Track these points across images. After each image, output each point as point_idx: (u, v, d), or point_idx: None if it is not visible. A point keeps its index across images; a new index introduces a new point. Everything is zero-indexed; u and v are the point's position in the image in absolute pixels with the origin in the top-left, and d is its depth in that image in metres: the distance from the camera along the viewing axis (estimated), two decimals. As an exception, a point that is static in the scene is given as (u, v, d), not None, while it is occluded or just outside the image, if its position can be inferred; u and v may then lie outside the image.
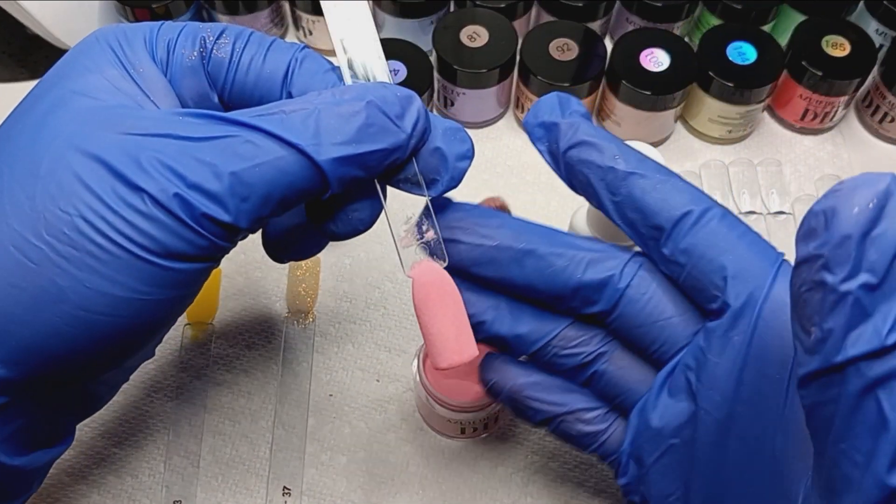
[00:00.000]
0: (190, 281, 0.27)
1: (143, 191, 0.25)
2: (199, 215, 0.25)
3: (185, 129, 0.26)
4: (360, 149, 0.27)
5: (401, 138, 0.27)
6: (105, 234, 0.25)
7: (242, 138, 0.26)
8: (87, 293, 0.25)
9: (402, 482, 0.45)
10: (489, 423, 0.45)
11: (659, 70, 0.53)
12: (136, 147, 0.25)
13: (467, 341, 0.29)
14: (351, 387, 0.48)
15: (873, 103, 0.58)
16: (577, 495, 0.45)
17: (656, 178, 0.29)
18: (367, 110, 0.27)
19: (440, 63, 0.54)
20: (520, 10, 0.59)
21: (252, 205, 0.26)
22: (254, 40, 0.30)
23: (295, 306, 0.49)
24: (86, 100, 0.27)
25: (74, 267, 0.25)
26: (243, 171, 0.26)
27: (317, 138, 0.26)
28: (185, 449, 0.45)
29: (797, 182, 0.56)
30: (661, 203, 0.29)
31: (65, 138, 0.26)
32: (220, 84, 0.30)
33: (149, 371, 0.47)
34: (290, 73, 0.29)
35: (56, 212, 0.25)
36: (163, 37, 0.29)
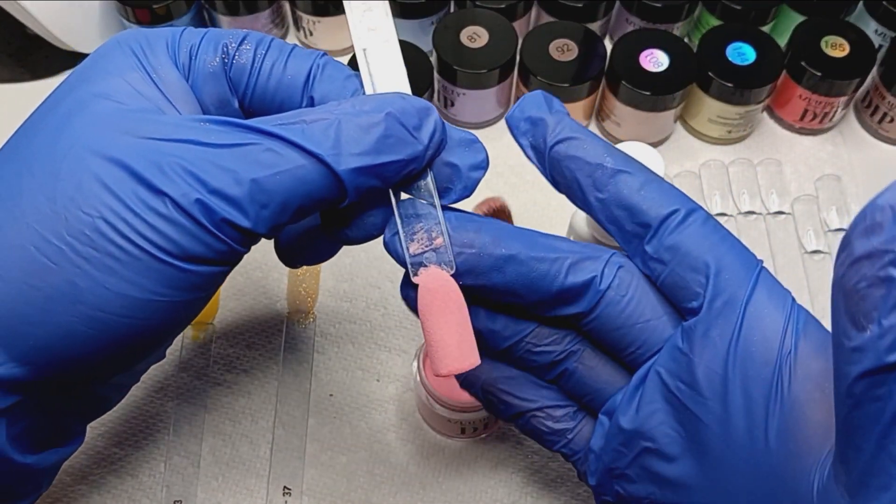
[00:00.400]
0: (206, 284, 0.28)
1: (165, 194, 0.25)
2: (219, 220, 0.26)
3: (207, 136, 0.26)
4: (378, 159, 0.27)
5: (418, 150, 0.28)
6: (126, 235, 0.25)
7: (263, 146, 0.26)
8: (105, 294, 0.26)
9: (403, 482, 0.45)
10: (489, 423, 0.45)
11: (659, 70, 0.54)
12: (157, 152, 0.26)
13: (469, 349, 0.29)
14: (351, 387, 0.48)
15: (873, 103, 0.58)
16: (577, 495, 0.45)
17: (644, 178, 0.29)
18: (386, 122, 0.27)
19: (440, 63, 0.55)
20: (520, 10, 0.59)
21: (271, 212, 0.27)
22: (275, 46, 0.30)
23: (295, 306, 0.49)
24: (107, 103, 0.27)
25: (94, 268, 0.25)
26: (264, 178, 0.26)
27: (336, 148, 0.26)
28: (186, 449, 0.45)
29: (797, 182, 0.57)
30: (649, 201, 0.29)
31: (85, 141, 0.26)
32: (242, 90, 0.30)
33: (149, 371, 0.47)
34: (312, 80, 0.30)
35: (77, 213, 0.25)
36: (185, 42, 0.30)
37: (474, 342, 0.30)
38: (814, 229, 0.53)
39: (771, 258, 0.52)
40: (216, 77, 0.30)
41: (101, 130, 0.26)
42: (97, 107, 0.27)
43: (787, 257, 0.52)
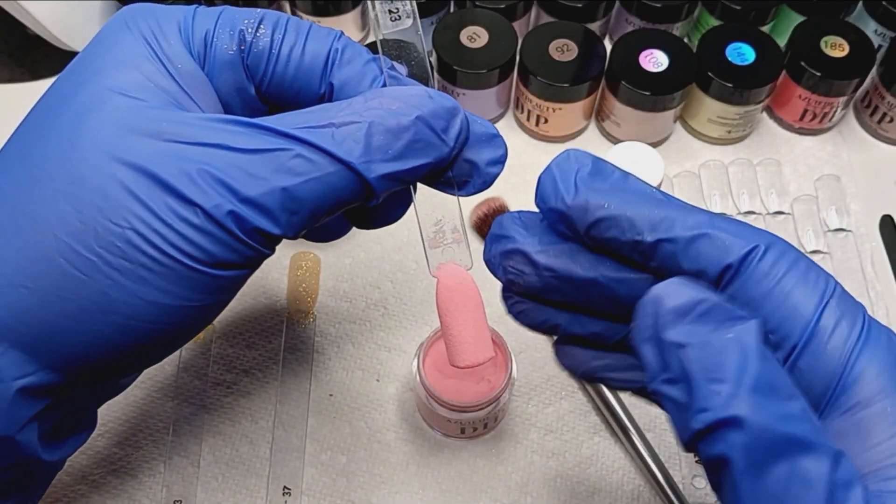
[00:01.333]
0: (234, 286, 0.28)
1: (197, 205, 0.25)
2: (250, 229, 0.26)
3: (235, 140, 0.26)
4: (406, 164, 0.27)
5: (444, 152, 0.28)
6: (157, 246, 0.25)
7: (293, 152, 0.26)
8: (138, 304, 0.26)
9: (402, 482, 0.45)
10: (489, 423, 0.45)
11: (658, 70, 0.54)
12: (184, 158, 0.25)
13: (485, 343, 0.30)
14: (351, 386, 0.48)
15: (872, 103, 0.58)
16: (576, 494, 0.45)
17: (683, 238, 0.25)
18: (416, 126, 0.27)
19: (440, 63, 0.55)
20: (519, 10, 0.59)
21: (301, 218, 0.27)
22: (291, 28, 0.29)
23: (295, 306, 0.49)
24: (124, 100, 0.26)
25: (126, 279, 0.25)
26: (294, 186, 0.26)
27: (367, 156, 0.26)
28: (186, 449, 0.45)
29: (796, 182, 0.57)
30: (696, 262, 0.26)
31: (106, 145, 0.25)
32: (259, 77, 0.29)
33: (149, 371, 0.47)
34: (331, 65, 0.29)
35: (107, 224, 0.25)
36: (199, 27, 0.29)
37: (489, 337, 0.31)
38: (813, 229, 0.53)
39: (770, 258, 0.52)
40: (233, 65, 0.29)
41: (122, 133, 0.26)
42: (114, 104, 0.26)
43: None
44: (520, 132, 0.58)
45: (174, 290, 0.26)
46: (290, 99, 0.29)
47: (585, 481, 0.45)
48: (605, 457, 0.46)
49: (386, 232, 0.53)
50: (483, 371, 0.42)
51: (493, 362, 0.42)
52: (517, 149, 0.58)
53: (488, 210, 0.52)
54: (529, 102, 0.55)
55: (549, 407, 0.47)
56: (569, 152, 0.29)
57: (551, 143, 0.58)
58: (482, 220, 0.52)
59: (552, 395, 0.48)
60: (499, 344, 0.43)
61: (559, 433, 0.47)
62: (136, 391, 0.47)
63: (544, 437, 0.46)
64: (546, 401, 0.47)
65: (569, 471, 0.45)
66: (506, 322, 0.50)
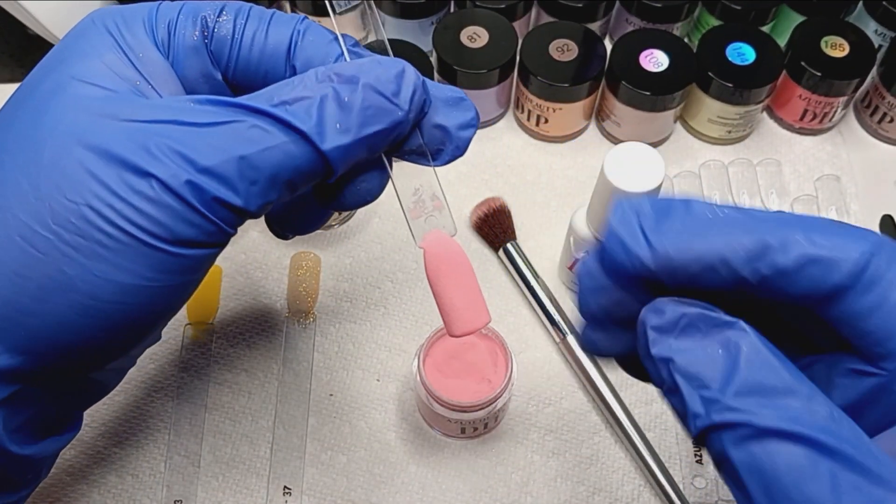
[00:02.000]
0: (197, 266, 0.28)
1: (153, 176, 0.25)
2: (209, 199, 0.26)
3: (191, 115, 0.26)
4: (360, 133, 0.27)
5: (399, 116, 0.28)
6: (112, 221, 0.25)
7: (249, 123, 0.26)
8: (96, 281, 0.25)
9: (403, 481, 0.45)
10: (489, 423, 0.45)
11: (658, 70, 0.54)
12: (142, 133, 0.25)
13: (481, 308, 0.30)
14: (351, 386, 0.48)
15: (872, 103, 0.58)
16: (576, 494, 0.45)
17: (787, 268, 0.23)
18: (364, 93, 0.27)
19: (440, 63, 0.55)
20: (520, 10, 0.59)
21: (260, 188, 0.26)
22: (254, 15, 0.29)
23: (295, 306, 0.50)
24: (85, 86, 0.27)
25: (82, 256, 0.25)
26: (252, 154, 0.26)
27: (319, 127, 0.26)
28: (186, 448, 0.45)
29: (796, 182, 0.57)
30: (804, 289, 0.23)
31: (67, 128, 0.26)
32: (224, 62, 0.29)
33: (149, 371, 0.48)
34: (294, 47, 0.29)
35: (62, 201, 0.25)
36: (162, 18, 0.29)
37: (484, 301, 0.30)
38: (813, 229, 0.53)
39: (770, 258, 0.53)
40: (197, 51, 0.29)
41: (82, 115, 0.26)
42: (75, 90, 0.26)
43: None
44: (520, 132, 0.59)
45: (132, 267, 0.26)
46: (258, 84, 0.29)
47: (585, 481, 0.45)
48: (605, 457, 0.46)
49: (386, 232, 0.53)
50: (483, 371, 0.42)
51: (494, 362, 0.42)
52: (517, 148, 0.58)
53: (488, 210, 0.52)
54: (529, 102, 0.55)
55: (549, 407, 0.47)
56: (622, 204, 0.25)
57: (551, 143, 0.58)
58: (482, 220, 0.52)
59: (552, 394, 0.48)
60: (499, 344, 0.43)
61: (559, 433, 0.47)
62: (137, 391, 0.47)
63: (544, 436, 0.46)
64: (546, 401, 0.48)
65: (569, 471, 0.46)
66: (505, 322, 0.50)
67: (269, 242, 0.53)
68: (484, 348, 0.43)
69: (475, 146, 0.59)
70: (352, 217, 0.54)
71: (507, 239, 0.52)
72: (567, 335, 0.48)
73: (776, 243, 0.23)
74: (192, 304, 0.49)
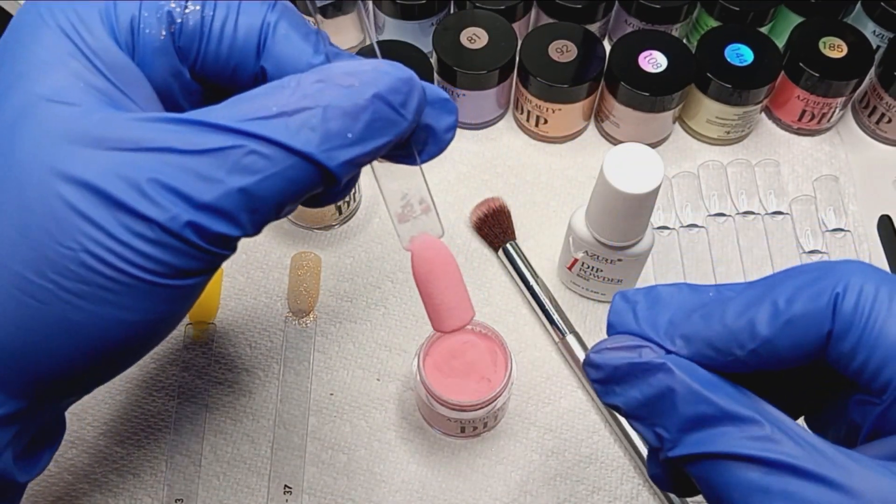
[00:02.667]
0: (197, 290, 0.27)
1: (152, 221, 0.23)
2: (211, 236, 0.25)
3: (182, 141, 0.24)
4: (367, 146, 0.25)
5: (404, 127, 0.26)
6: (114, 265, 0.24)
7: (246, 149, 0.24)
8: (102, 324, 0.25)
9: (403, 480, 0.45)
10: (489, 422, 0.45)
11: (657, 71, 0.54)
12: (131, 167, 0.23)
13: (467, 305, 0.31)
14: (352, 386, 0.48)
15: (870, 104, 0.58)
16: (576, 493, 0.45)
17: (772, 337, 0.24)
18: (374, 105, 0.25)
19: (440, 64, 0.55)
20: (519, 11, 0.59)
21: (262, 216, 0.25)
22: (221, 4, 0.27)
23: (296, 306, 0.50)
24: (55, 106, 0.24)
25: (86, 301, 0.24)
26: (252, 185, 0.24)
27: (326, 143, 0.24)
28: (187, 448, 0.45)
29: (795, 182, 0.57)
30: (797, 347, 0.24)
31: (47, 161, 0.24)
32: (192, 57, 0.27)
33: (150, 370, 0.48)
34: (265, 39, 0.27)
35: (57, 248, 0.23)
36: (123, 13, 0.26)
37: (469, 297, 0.31)
38: (812, 229, 0.53)
39: (769, 258, 0.53)
40: (164, 50, 0.27)
41: (60, 144, 0.24)
42: (47, 113, 0.24)
43: (785, 257, 0.53)
44: (519, 133, 0.59)
45: (137, 305, 0.25)
46: (226, 76, 0.28)
47: (584, 480, 0.45)
48: (604, 455, 0.46)
49: (386, 232, 0.53)
50: (483, 370, 0.42)
51: (493, 361, 0.43)
52: (517, 148, 0.58)
53: (488, 210, 0.52)
54: (529, 103, 0.56)
55: (549, 406, 0.48)
56: (614, 298, 0.27)
57: (551, 143, 0.58)
58: (482, 220, 0.52)
59: (551, 394, 0.48)
60: (498, 343, 0.43)
61: (558, 432, 0.47)
62: (138, 390, 0.47)
63: (544, 436, 0.47)
64: (545, 400, 0.48)
65: (568, 470, 0.46)
66: (505, 321, 0.50)
67: (270, 242, 0.53)
68: (483, 348, 0.43)
69: (475, 146, 0.59)
70: (352, 217, 0.54)
71: (507, 239, 0.52)
72: (566, 335, 0.48)
73: (759, 317, 0.24)
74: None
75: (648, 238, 0.45)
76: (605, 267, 0.47)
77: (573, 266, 0.49)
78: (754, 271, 0.52)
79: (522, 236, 0.53)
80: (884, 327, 0.23)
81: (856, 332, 0.23)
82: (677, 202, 0.55)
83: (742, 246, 0.53)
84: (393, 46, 0.55)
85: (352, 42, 0.61)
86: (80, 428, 0.46)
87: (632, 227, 0.44)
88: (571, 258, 0.48)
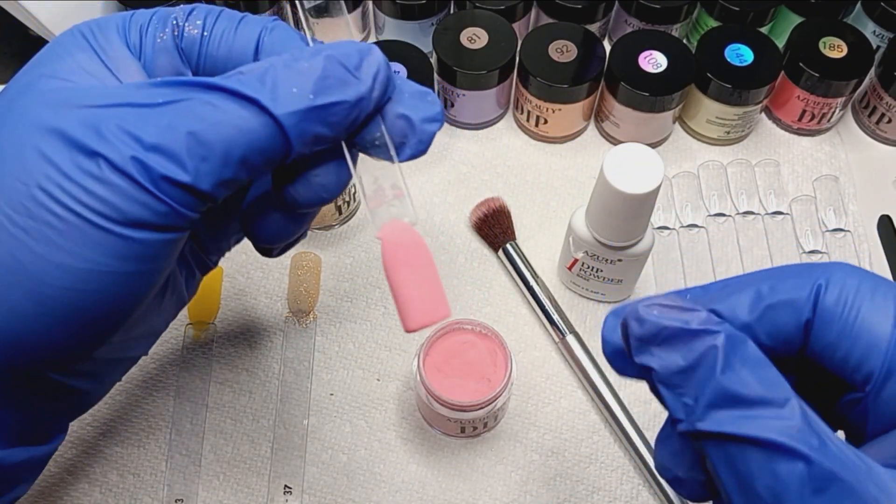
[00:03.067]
0: (152, 254, 0.27)
1: (100, 155, 0.25)
2: (157, 177, 0.25)
3: (146, 97, 0.26)
4: (318, 101, 0.26)
5: (361, 90, 0.27)
6: (61, 202, 0.25)
7: (201, 100, 0.25)
8: (46, 266, 0.25)
9: (403, 480, 0.45)
10: (489, 422, 0.45)
11: (657, 71, 0.54)
12: (96, 117, 0.25)
13: (439, 300, 0.28)
14: (351, 386, 0.48)
15: (870, 104, 0.58)
16: (575, 492, 0.45)
17: (749, 323, 0.25)
18: (325, 62, 0.26)
19: (440, 65, 0.55)
20: (519, 11, 0.59)
21: (212, 165, 0.26)
22: (225, 16, 0.29)
23: (296, 305, 0.50)
24: (53, 81, 0.27)
25: (32, 238, 0.25)
26: (201, 130, 0.25)
27: (274, 92, 0.25)
28: (187, 447, 0.45)
29: (795, 182, 0.57)
30: (776, 336, 0.25)
31: (29, 117, 0.26)
32: (194, 60, 0.30)
33: (150, 370, 0.48)
34: (261, 43, 0.29)
35: (15, 184, 0.25)
36: (135, 22, 0.29)
37: (444, 294, 0.28)
38: (811, 229, 0.54)
39: (769, 258, 0.53)
40: (167, 51, 0.29)
41: (45, 106, 0.26)
42: (43, 85, 0.27)
43: (785, 257, 0.53)
44: (519, 133, 0.59)
45: (82, 251, 0.25)
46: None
47: (584, 480, 0.45)
48: (603, 456, 0.46)
49: (386, 232, 0.53)
50: (483, 370, 0.42)
51: (493, 361, 0.43)
52: (517, 149, 0.58)
53: (488, 210, 0.52)
54: (529, 103, 0.56)
55: (549, 406, 0.48)
56: (606, 318, 0.27)
57: (551, 143, 0.58)
58: (482, 220, 0.52)
59: (551, 394, 0.48)
60: (498, 343, 0.43)
61: (558, 432, 0.47)
62: (138, 390, 0.47)
63: (543, 436, 0.47)
64: (545, 400, 0.48)
65: (568, 470, 0.46)
66: (505, 321, 0.50)
67: (270, 242, 0.53)
68: (483, 348, 0.43)
69: (475, 146, 0.59)
70: (352, 217, 0.54)
71: (507, 239, 0.52)
72: (566, 335, 0.48)
73: (739, 301, 0.25)
74: (193, 304, 0.50)
75: (648, 238, 0.45)
76: (605, 267, 0.47)
77: (573, 266, 0.49)
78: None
79: (522, 236, 0.53)
80: (865, 318, 0.24)
81: (838, 323, 0.24)
82: (677, 202, 0.55)
83: (742, 246, 0.53)
84: (393, 46, 0.55)
85: (352, 42, 0.61)
86: (80, 428, 0.46)
87: (632, 227, 0.44)
88: (571, 258, 0.48)
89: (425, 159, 0.32)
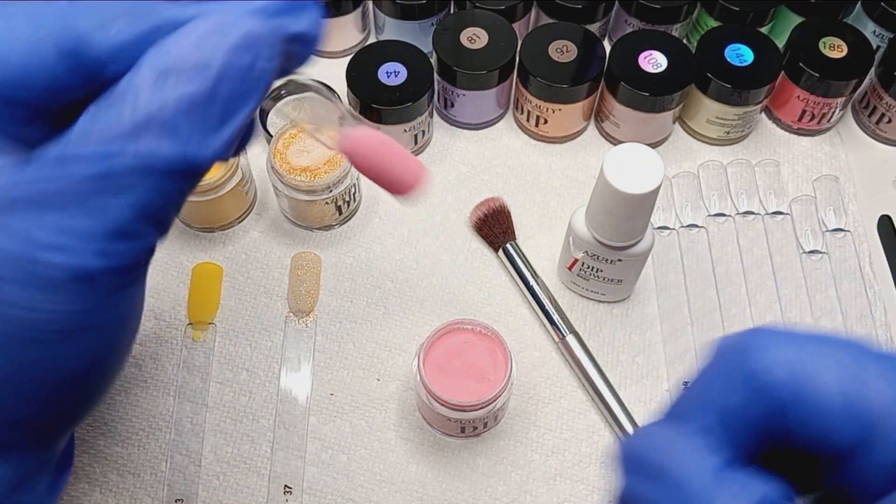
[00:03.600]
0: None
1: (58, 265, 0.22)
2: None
3: (55, 182, 0.22)
4: (236, 119, 0.23)
5: (267, 80, 0.24)
6: None
7: (116, 178, 0.22)
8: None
9: (403, 481, 0.45)
10: (489, 422, 0.45)
11: (657, 71, 0.54)
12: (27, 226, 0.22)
13: (415, 164, 0.31)
14: (351, 385, 0.48)
15: (870, 104, 0.58)
16: (576, 492, 0.45)
17: None
18: (224, 84, 0.23)
19: (440, 65, 0.55)
20: (519, 11, 0.59)
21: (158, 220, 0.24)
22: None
23: (296, 305, 0.50)
24: None
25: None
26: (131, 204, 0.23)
27: (192, 139, 0.23)
28: (187, 447, 0.45)
29: (795, 183, 0.57)
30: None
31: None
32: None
33: (150, 370, 0.48)
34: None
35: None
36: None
37: (416, 158, 0.31)
38: (811, 229, 0.54)
39: (769, 258, 0.53)
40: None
41: None
42: None
43: (785, 257, 0.53)
44: (519, 133, 0.59)
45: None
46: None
47: (584, 480, 0.45)
48: (604, 456, 0.46)
49: (386, 231, 0.53)
50: (483, 370, 0.42)
51: (493, 361, 0.43)
52: (517, 149, 0.58)
53: (488, 210, 0.52)
54: (529, 103, 0.56)
55: (549, 406, 0.48)
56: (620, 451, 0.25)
57: (551, 143, 0.58)
58: (482, 220, 0.52)
59: (551, 394, 0.48)
60: (498, 343, 0.43)
61: (558, 432, 0.47)
62: (138, 390, 0.47)
63: (544, 435, 0.47)
64: (545, 400, 0.48)
65: (568, 469, 0.46)
66: (505, 321, 0.50)
67: (270, 242, 0.53)
68: (483, 348, 0.43)
69: (475, 146, 0.59)
70: (352, 217, 0.54)
71: (507, 239, 0.52)
72: (566, 335, 0.48)
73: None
74: (193, 304, 0.50)
75: (648, 238, 0.45)
76: (605, 267, 0.47)
77: (573, 266, 0.49)
78: (754, 271, 0.52)
79: (522, 236, 0.53)
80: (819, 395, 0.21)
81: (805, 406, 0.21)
82: (677, 202, 0.55)
83: (742, 246, 0.53)
84: (393, 46, 0.55)
85: (352, 42, 0.61)
86: (80, 428, 0.46)
87: (632, 227, 0.44)
88: (571, 258, 0.48)
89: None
